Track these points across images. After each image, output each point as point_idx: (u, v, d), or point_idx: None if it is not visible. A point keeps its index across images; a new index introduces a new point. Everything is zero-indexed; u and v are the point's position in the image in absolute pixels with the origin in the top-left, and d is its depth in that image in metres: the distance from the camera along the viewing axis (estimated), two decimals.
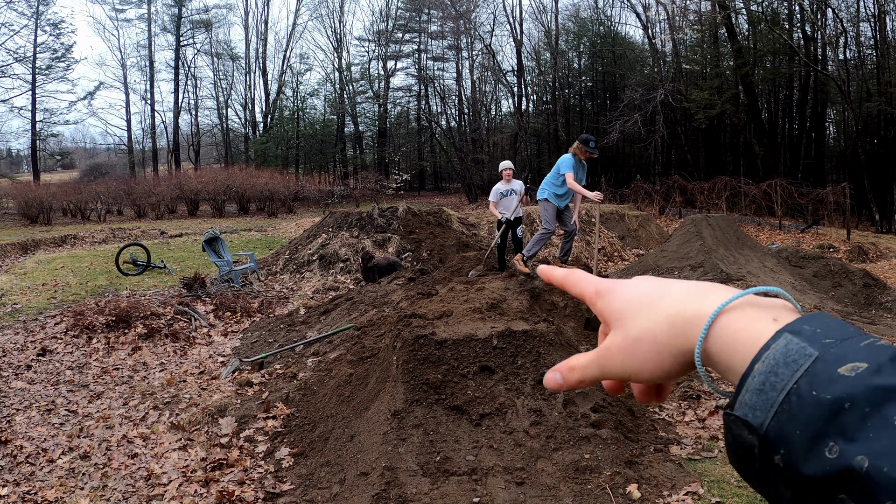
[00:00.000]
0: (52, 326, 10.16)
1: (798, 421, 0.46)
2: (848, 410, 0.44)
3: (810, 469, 0.45)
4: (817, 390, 0.46)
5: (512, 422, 4.47)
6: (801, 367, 0.48)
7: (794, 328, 0.51)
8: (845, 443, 0.43)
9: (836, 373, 0.46)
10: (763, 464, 0.49)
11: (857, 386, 0.45)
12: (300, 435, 5.28)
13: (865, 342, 0.48)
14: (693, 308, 0.59)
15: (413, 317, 6.09)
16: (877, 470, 0.41)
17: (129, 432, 6.31)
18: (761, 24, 35.25)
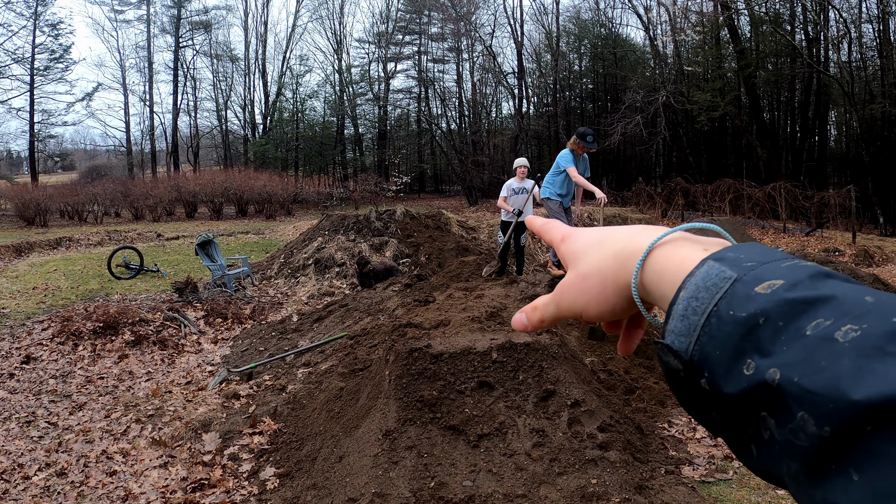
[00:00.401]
0: (38, 332, 9.84)
1: (717, 342, 0.47)
2: (762, 325, 0.45)
3: (730, 388, 0.46)
4: (734, 309, 0.47)
5: (513, 443, 4.13)
6: (721, 290, 0.49)
7: (718, 255, 0.52)
8: (760, 358, 0.44)
9: (752, 291, 0.46)
10: (691, 389, 0.50)
11: (771, 301, 0.45)
12: (287, 453, 4.96)
13: (787, 263, 0.48)
14: (634, 243, 0.60)
15: (408, 326, 5.77)
16: (787, 380, 0.42)
17: (109, 447, 5.98)
18: (763, 26, 35.01)
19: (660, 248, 0.58)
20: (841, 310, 0.43)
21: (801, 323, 0.43)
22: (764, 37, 35.78)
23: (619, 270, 0.61)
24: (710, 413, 0.49)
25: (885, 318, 0.41)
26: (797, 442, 0.42)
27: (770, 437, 0.44)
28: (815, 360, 0.41)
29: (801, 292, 0.45)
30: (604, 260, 0.62)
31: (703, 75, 37.92)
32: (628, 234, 0.63)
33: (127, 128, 51.95)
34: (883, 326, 0.40)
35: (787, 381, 0.42)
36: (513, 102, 49.16)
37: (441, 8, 48.65)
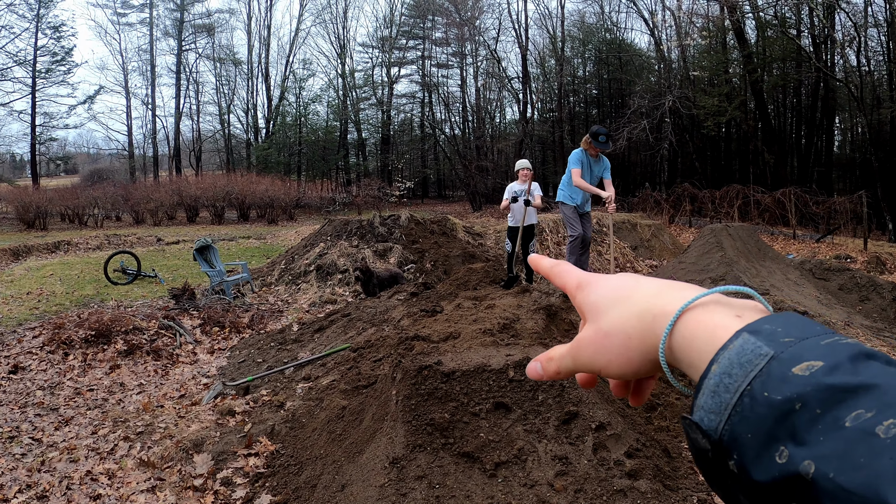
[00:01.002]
0: (29, 340, 9.45)
1: (750, 424, 0.45)
2: (799, 412, 0.43)
3: (761, 475, 0.44)
4: (769, 391, 0.45)
5: (533, 472, 3.72)
6: (756, 367, 0.46)
7: (753, 328, 0.49)
8: (795, 446, 0.42)
9: (789, 372, 0.44)
10: (719, 470, 0.48)
11: (809, 385, 0.43)
12: (284, 478, 4.56)
13: (827, 340, 0.46)
14: (661, 303, 0.58)
15: (416, 339, 5.38)
16: (822, 476, 0.40)
17: (94, 467, 5.58)
18: (769, 30, 34.70)
19: (691, 311, 0.55)
20: (883, 401, 0.40)
21: (840, 413, 0.41)
22: (770, 41, 35.47)
23: (646, 332, 0.58)
24: (738, 496, 0.47)
25: None
26: None
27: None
28: (853, 456, 0.39)
29: (841, 378, 0.42)
30: (628, 319, 0.60)
31: (709, 80, 37.59)
32: (653, 291, 0.60)
33: (129, 131, 51.74)
34: None
35: (821, 476, 0.39)
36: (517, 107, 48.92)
37: (445, 12, 48.45)
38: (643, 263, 17.14)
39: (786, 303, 9.68)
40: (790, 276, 12.17)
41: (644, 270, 16.37)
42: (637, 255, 17.58)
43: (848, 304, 11.58)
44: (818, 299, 11.24)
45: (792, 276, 12.20)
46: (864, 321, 10.32)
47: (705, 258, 12.03)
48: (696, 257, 12.28)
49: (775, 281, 11.55)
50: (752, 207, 26.55)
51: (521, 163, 10.20)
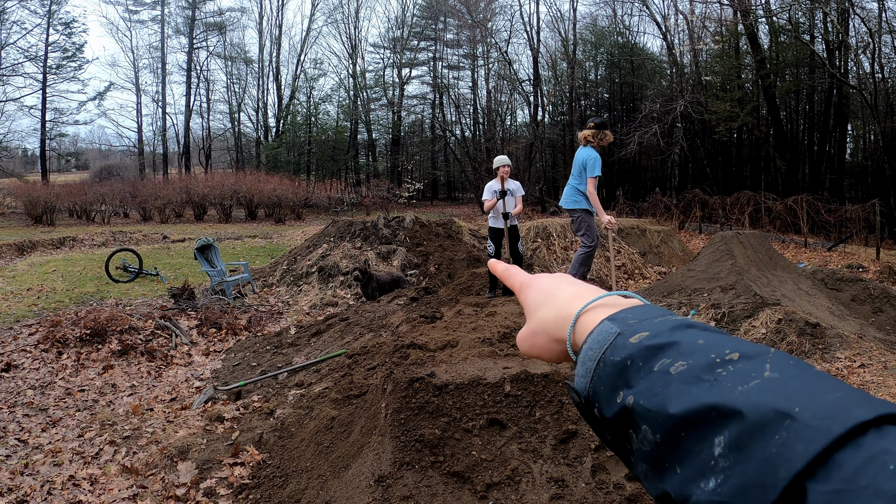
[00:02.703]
0: (24, 337, 9.29)
1: (602, 380, 0.61)
2: (630, 366, 0.59)
3: (608, 412, 0.60)
4: (613, 356, 0.61)
5: (527, 494, 3.49)
6: (607, 342, 0.63)
7: (612, 316, 0.66)
8: (626, 390, 0.58)
9: (627, 342, 0.61)
10: (591, 417, 0.64)
11: (636, 348, 0.59)
12: (269, 491, 4.35)
13: (659, 319, 0.63)
14: (569, 309, 0.74)
15: (411, 347, 5.17)
16: (637, 403, 0.56)
17: (77, 472, 5.40)
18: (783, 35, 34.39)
19: (586, 313, 0.71)
20: (679, 351, 0.57)
21: (652, 363, 0.57)
22: (784, 46, 35.13)
23: (560, 331, 0.74)
24: (605, 435, 0.63)
25: (706, 354, 0.55)
26: (644, 448, 0.55)
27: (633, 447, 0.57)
28: (654, 388, 0.55)
29: (657, 340, 0.59)
30: (546, 320, 0.76)
31: (721, 85, 37.26)
32: (568, 298, 0.76)
33: (139, 128, 51.73)
34: (702, 361, 0.55)
35: (636, 404, 0.56)
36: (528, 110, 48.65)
37: (457, 14, 48.28)
38: (652, 270, 16.88)
39: (797, 313, 9.43)
40: (802, 286, 11.90)
41: (653, 277, 16.13)
42: (646, 261, 17.32)
43: (861, 315, 11.31)
44: (830, 310, 10.97)
45: (804, 286, 11.93)
46: (877, 333, 10.06)
47: (715, 266, 11.77)
48: (706, 265, 12.02)
49: (787, 291, 11.29)
50: (763, 214, 26.23)
51: (499, 159, 9.28)
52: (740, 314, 10.00)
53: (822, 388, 0.49)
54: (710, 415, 0.51)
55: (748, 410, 0.48)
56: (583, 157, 8.19)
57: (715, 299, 10.71)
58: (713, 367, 0.54)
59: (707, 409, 0.51)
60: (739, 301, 10.36)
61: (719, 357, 0.55)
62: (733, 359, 0.54)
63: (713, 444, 0.49)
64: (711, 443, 0.50)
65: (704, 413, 0.51)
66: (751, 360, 0.53)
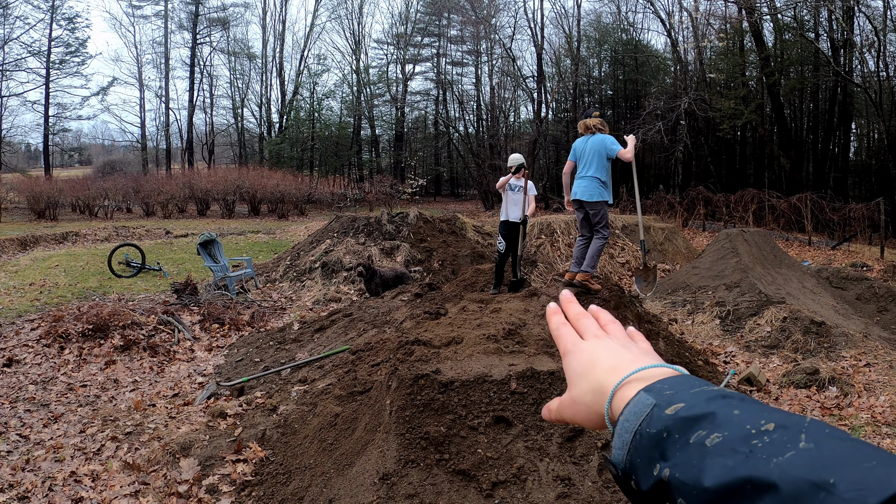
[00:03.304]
0: (27, 332, 9.26)
1: (640, 452, 0.61)
2: (666, 439, 0.59)
3: (645, 485, 0.60)
4: (650, 428, 0.61)
5: (533, 493, 3.45)
6: (644, 413, 0.63)
7: (648, 388, 0.67)
8: (663, 462, 0.58)
9: (663, 414, 0.61)
10: (628, 490, 0.64)
11: (672, 419, 0.59)
12: (271, 488, 4.32)
13: (694, 390, 0.63)
14: (607, 383, 0.74)
15: (416, 343, 5.13)
16: (673, 476, 0.56)
17: (79, 468, 5.37)
18: (787, 33, 34.25)
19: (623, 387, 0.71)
20: (715, 423, 0.57)
21: (689, 435, 0.57)
22: (788, 44, 34.99)
23: (597, 404, 0.74)
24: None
25: (741, 426, 0.55)
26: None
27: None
28: (690, 461, 0.55)
29: (693, 412, 0.59)
30: (586, 393, 0.76)
31: (725, 82, 37.15)
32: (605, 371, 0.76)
33: (142, 123, 51.71)
34: (738, 433, 0.55)
35: (672, 477, 0.56)
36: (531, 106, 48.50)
37: (461, 10, 48.16)
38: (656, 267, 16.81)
39: (802, 312, 9.37)
40: (807, 285, 11.85)
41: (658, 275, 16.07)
42: (650, 258, 17.26)
43: (865, 314, 11.26)
44: (835, 309, 10.93)
45: (808, 285, 11.88)
46: (881, 332, 10.01)
47: (720, 264, 11.72)
48: (710, 263, 11.97)
49: (791, 289, 11.24)
50: (766, 212, 26.14)
51: (514, 157, 9.38)
52: (745, 312, 9.95)
53: (857, 458, 0.48)
54: (745, 488, 0.51)
55: (783, 483, 0.49)
56: (598, 143, 7.99)
57: (720, 297, 10.67)
58: (748, 439, 0.54)
59: (742, 483, 0.51)
60: (744, 299, 10.32)
61: (754, 428, 0.55)
62: (768, 429, 0.54)
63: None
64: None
65: (740, 486, 0.51)
66: (786, 430, 0.53)
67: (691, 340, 9.39)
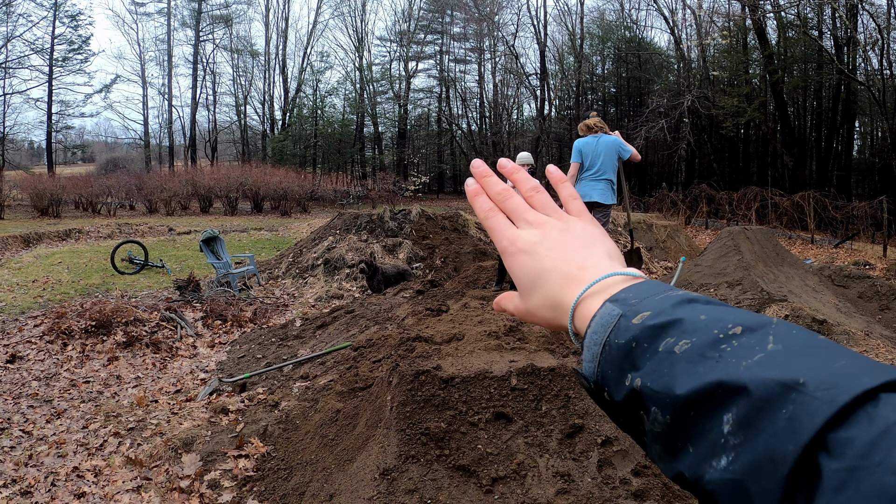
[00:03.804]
0: (30, 329, 9.28)
1: (610, 363, 0.61)
2: (635, 348, 0.58)
3: (619, 396, 0.60)
4: (618, 338, 0.60)
5: (533, 489, 3.47)
6: (611, 325, 0.62)
7: (613, 297, 0.66)
8: (634, 372, 0.58)
9: (630, 323, 0.60)
10: (602, 401, 0.64)
11: (639, 329, 0.59)
12: (273, 483, 4.34)
13: (660, 296, 0.62)
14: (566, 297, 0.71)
15: (417, 340, 5.15)
16: (645, 385, 0.56)
17: (81, 463, 5.39)
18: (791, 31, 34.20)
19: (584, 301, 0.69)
20: (682, 329, 0.56)
21: (657, 343, 0.57)
22: (792, 42, 34.96)
23: (557, 317, 0.73)
24: (618, 418, 0.62)
25: (709, 331, 0.55)
26: (656, 430, 0.55)
27: (645, 429, 0.57)
28: (660, 369, 0.55)
29: (659, 319, 0.58)
30: (542, 309, 0.75)
31: (729, 80, 37.12)
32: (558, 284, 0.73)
33: (145, 121, 51.84)
34: (706, 338, 0.54)
35: (644, 387, 0.56)
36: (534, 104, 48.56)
37: (464, 7, 48.16)
38: (658, 265, 16.84)
39: (804, 310, 9.37)
40: (809, 283, 11.84)
41: (659, 272, 16.07)
42: (652, 255, 17.28)
43: (868, 312, 11.25)
44: (837, 307, 10.92)
45: (811, 283, 11.88)
46: (883, 331, 10.00)
47: (722, 261, 11.71)
48: (712, 260, 11.97)
49: (794, 287, 11.24)
50: (769, 210, 26.13)
51: (522, 156, 9.62)
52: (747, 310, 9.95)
53: (826, 358, 0.48)
54: (716, 393, 0.51)
55: (753, 386, 0.48)
56: (611, 144, 8.13)
57: (722, 295, 10.67)
58: (717, 344, 0.53)
59: (713, 388, 0.51)
60: (746, 297, 10.31)
61: (722, 332, 0.54)
62: (736, 333, 0.54)
63: (722, 422, 0.49)
64: (720, 421, 0.50)
65: (711, 391, 0.51)
66: (754, 332, 0.53)
67: None
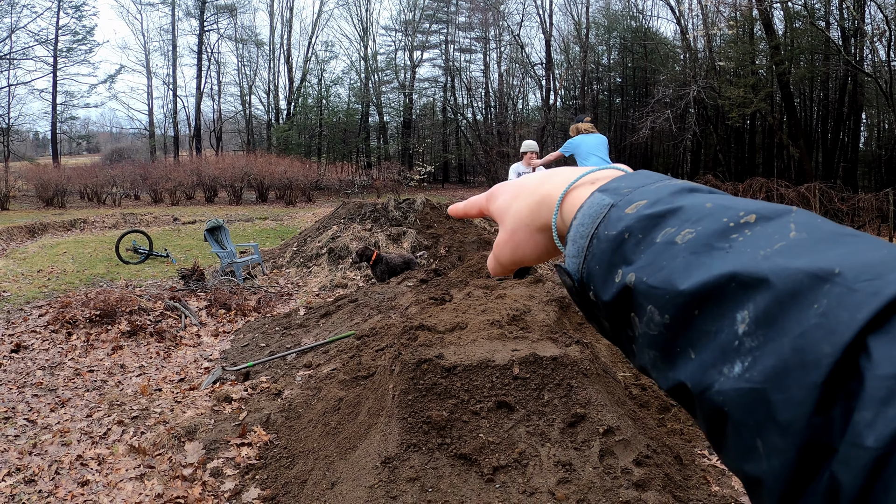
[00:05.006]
0: (35, 318, 9.32)
1: (597, 258, 0.54)
2: (627, 240, 0.52)
3: (606, 295, 0.53)
4: (608, 230, 0.54)
5: (534, 478, 3.47)
6: (601, 215, 0.56)
7: (603, 187, 0.59)
8: (625, 266, 0.51)
9: (623, 213, 0.54)
10: (584, 301, 0.58)
11: (634, 218, 0.52)
12: (275, 471, 4.35)
13: (657, 185, 0.56)
14: (544, 189, 0.67)
15: (420, 328, 5.14)
16: (639, 281, 0.49)
17: (85, 452, 5.41)
18: (797, 21, 34.02)
19: (569, 193, 0.64)
20: (684, 217, 0.50)
21: (654, 234, 0.51)
22: (799, 32, 34.77)
23: (539, 217, 0.67)
24: (602, 322, 0.57)
25: (717, 219, 0.48)
26: (650, 332, 0.48)
27: (637, 333, 0.51)
28: (658, 262, 0.49)
29: (657, 208, 0.52)
30: (521, 211, 0.68)
31: (735, 71, 36.95)
32: (538, 181, 0.69)
33: (150, 111, 51.83)
34: (714, 226, 0.48)
35: (639, 282, 0.49)
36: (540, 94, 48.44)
37: None
38: None
39: None
40: None
41: None
42: None
43: None
44: None
45: None
46: None
47: None
48: None
49: None
50: (775, 201, 25.99)
51: (527, 144, 9.73)
52: None
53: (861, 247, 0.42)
54: (728, 287, 0.44)
55: (775, 277, 0.42)
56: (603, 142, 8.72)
57: None
58: (727, 233, 0.47)
59: (724, 280, 0.44)
60: None
61: (732, 221, 0.47)
62: (749, 221, 0.47)
63: (735, 322, 0.43)
64: (733, 320, 0.43)
65: (721, 285, 0.44)
66: (770, 221, 0.46)
67: None
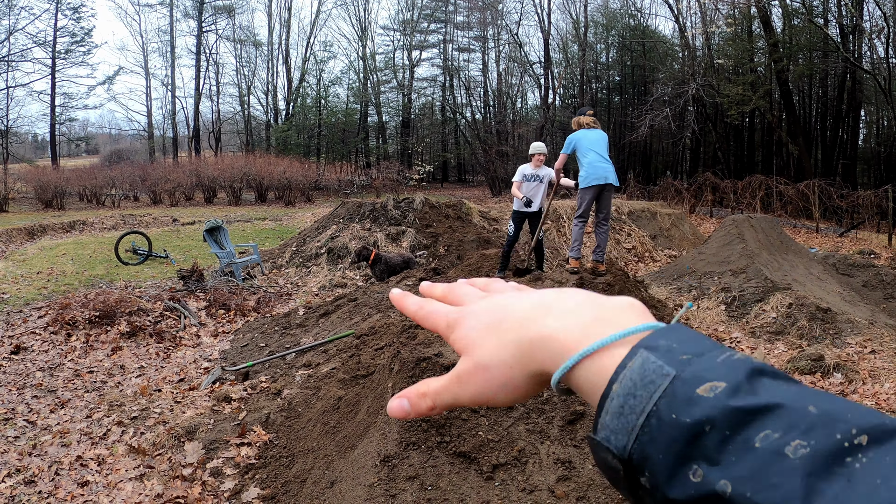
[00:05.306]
0: (34, 320, 9.31)
1: (660, 444, 0.45)
2: (709, 433, 0.43)
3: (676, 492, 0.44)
4: (677, 413, 0.45)
5: (534, 475, 3.47)
6: (659, 388, 0.46)
7: (649, 343, 0.49)
8: (709, 466, 0.43)
9: (694, 393, 0.45)
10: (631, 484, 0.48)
11: (716, 408, 0.44)
12: (275, 471, 4.35)
13: (722, 357, 0.47)
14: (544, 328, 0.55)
15: (419, 327, 5.14)
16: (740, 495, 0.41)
17: (85, 452, 5.41)
18: (796, 19, 34.04)
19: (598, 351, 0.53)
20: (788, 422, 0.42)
21: (749, 434, 0.42)
22: (797, 30, 34.79)
23: (530, 361, 0.56)
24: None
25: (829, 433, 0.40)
26: None
27: None
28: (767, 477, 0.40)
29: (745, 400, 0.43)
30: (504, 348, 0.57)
31: (734, 68, 36.98)
32: (528, 311, 0.58)
33: (148, 112, 51.80)
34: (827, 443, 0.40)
35: (739, 496, 0.41)
36: (539, 93, 48.44)
37: None
38: (662, 253, 16.82)
39: (808, 298, 9.36)
40: (813, 271, 11.83)
41: (663, 260, 16.06)
42: (656, 244, 17.25)
43: (872, 301, 11.23)
44: (841, 295, 10.90)
45: (815, 271, 11.86)
46: (888, 320, 9.97)
47: (726, 249, 11.70)
48: (716, 248, 11.95)
49: (798, 275, 11.22)
50: (774, 199, 26.07)
51: (537, 146, 9.39)
52: (751, 298, 9.93)
53: None
54: None
55: None
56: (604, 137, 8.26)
57: (725, 283, 10.65)
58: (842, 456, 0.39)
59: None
60: (750, 285, 10.30)
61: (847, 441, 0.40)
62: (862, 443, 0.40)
63: None
64: None
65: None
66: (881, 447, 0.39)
67: (696, 326, 9.38)
